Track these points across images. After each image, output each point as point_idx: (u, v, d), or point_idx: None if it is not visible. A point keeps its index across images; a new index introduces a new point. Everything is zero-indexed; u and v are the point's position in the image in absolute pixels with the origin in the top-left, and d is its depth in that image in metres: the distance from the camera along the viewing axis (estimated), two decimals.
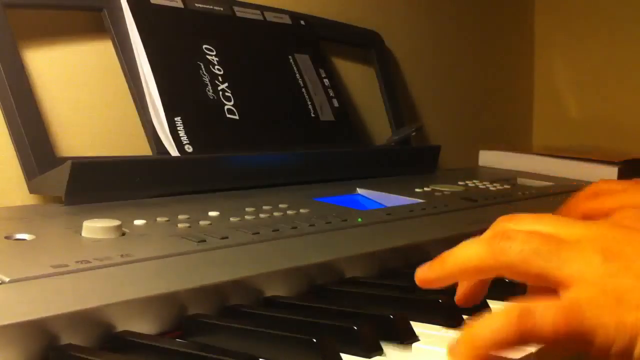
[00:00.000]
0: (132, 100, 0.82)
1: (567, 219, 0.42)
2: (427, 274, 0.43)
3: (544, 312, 0.36)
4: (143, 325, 0.43)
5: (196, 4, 0.90)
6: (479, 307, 0.49)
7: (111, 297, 0.42)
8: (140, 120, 0.81)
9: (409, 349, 0.42)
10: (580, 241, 0.39)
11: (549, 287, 0.38)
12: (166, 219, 0.63)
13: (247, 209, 0.68)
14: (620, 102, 1.52)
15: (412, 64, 1.28)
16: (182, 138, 0.80)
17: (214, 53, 0.88)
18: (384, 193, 0.85)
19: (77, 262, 0.48)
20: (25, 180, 0.72)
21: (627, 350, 0.35)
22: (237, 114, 0.87)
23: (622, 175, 1.15)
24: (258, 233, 0.60)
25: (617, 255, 0.37)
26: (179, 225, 0.61)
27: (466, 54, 1.44)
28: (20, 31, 0.76)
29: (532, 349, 0.41)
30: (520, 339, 0.36)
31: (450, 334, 0.45)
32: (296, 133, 0.94)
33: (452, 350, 0.38)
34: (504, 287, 0.53)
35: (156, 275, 0.49)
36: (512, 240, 0.39)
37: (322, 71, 1.02)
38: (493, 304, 0.50)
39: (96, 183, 0.70)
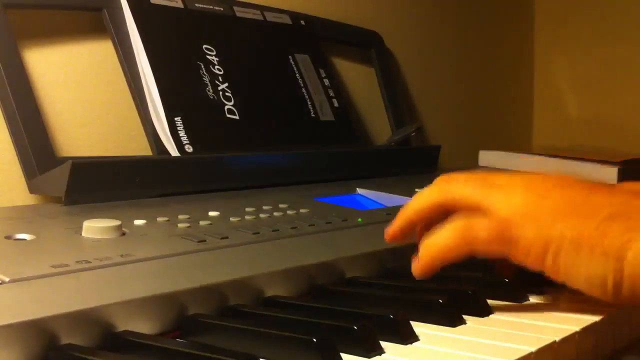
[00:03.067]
0: (132, 100, 0.82)
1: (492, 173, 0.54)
2: (390, 228, 0.54)
3: (481, 225, 0.48)
4: (143, 325, 0.43)
5: (196, 4, 0.90)
6: (478, 310, 0.49)
7: (111, 297, 0.42)
8: (140, 120, 0.81)
9: (409, 348, 0.42)
10: (507, 181, 0.51)
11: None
12: (166, 219, 0.63)
13: (247, 209, 0.68)
14: (620, 102, 1.52)
15: (412, 64, 1.28)
16: (182, 138, 0.80)
17: (214, 53, 0.88)
18: (384, 193, 0.85)
19: (77, 262, 0.48)
20: (25, 180, 0.72)
21: (539, 257, 0.47)
22: (237, 114, 0.87)
23: (622, 175, 1.15)
24: (258, 233, 0.60)
25: (534, 188, 0.49)
26: (179, 225, 0.61)
27: (466, 54, 1.44)
28: (20, 31, 0.76)
29: (532, 349, 0.41)
30: (464, 247, 0.49)
31: (450, 334, 0.45)
32: (296, 133, 0.94)
33: (414, 263, 0.51)
34: (504, 287, 0.53)
35: (156, 275, 0.49)
36: (456, 181, 0.52)
37: (322, 71, 1.02)
38: (493, 304, 0.50)
39: (96, 183, 0.70)
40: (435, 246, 0.50)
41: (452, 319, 0.47)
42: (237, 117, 0.87)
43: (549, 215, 0.47)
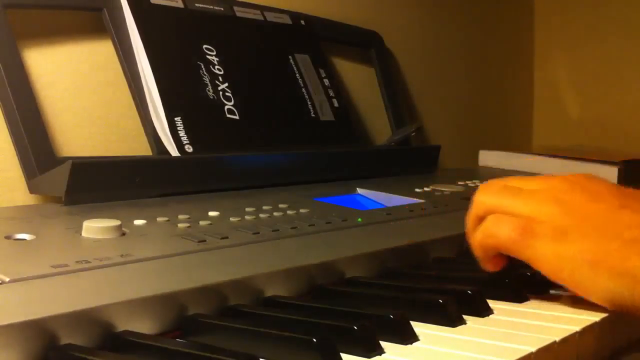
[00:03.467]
0: (132, 100, 0.82)
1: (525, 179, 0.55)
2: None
3: (506, 220, 0.51)
4: (143, 325, 0.43)
5: (196, 4, 0.90)
6: (478, 310, 0.49)
7: (111, 297, 0.42)
8: (140, 120, 0.81)
9: (409, 348, 0.42)
10: (538, 189, 0.52)
11: None
12: (166, 219, 0.63)
13: (247, 209, 0.68)
14: (621, 102, 1.52)
15: (412, 64, 1.28)
16: (182, 138, 0.80)
17: (214, 53, 0.88)
18: (384, 193, 0.85)
19: (77, 262, 0.48)
20: (25, 180, 0.72)
21: (554, 271, 0.48)
22: (237, 114, 0.87)
23: (622, 175, 1.14)
24: (258, 233, 0.60)
25: (563, 201, 0.50)
26: (179, 225, 0.61)
27: (466, 54, 1.44)
28: (20, 31, 0.76)
29: (532, 349, 0.41)
30: (489, 240, 0.52)
31: (450, 334, 0.45)
32: (296, 133, 0.94)
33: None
34: (504, 287, 0.53)
35: (156, 275, 0.49)
36: (489, 192, 0.55)
37: (322, 71, 1.02)
38: (493, 304, 0.50)
39: (96, 183, 0.70)
40: (472, 242, 0.54)
41: (452, 319, 0.47)
42: (237, 117, 0.87)
43: (570, 232, 0.48)
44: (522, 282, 0.54)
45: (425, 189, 0.89)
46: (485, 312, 0.49)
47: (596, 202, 0.49)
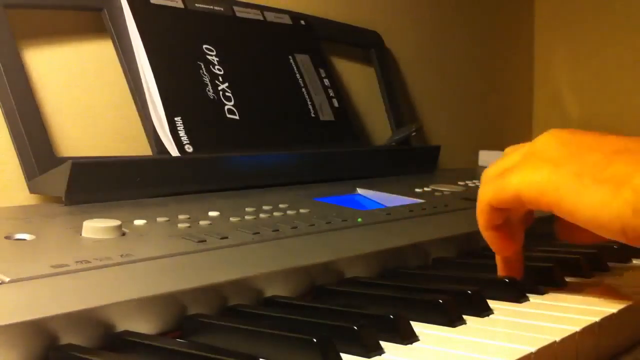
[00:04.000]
0: (132, 100, 0.82)
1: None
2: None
3: (513, 152, 0.53)
4: (143, 325, 0.43)
5: (196, 4, 0.90)
6: (478, 310, 0.49)
7: (111, 297, 0.42)
8: (141, 120, 0.81)
9: (409, 348, 0.42)
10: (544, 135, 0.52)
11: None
12: (166, 219, 0.63)
13: (247, 209, 0.68)
14: (620, 102, 1.52)
15: (412, 64, 1.28)
16: (182, 138, 0.80)
17: (214, 53, 0.88)
18: (384, 193, 0.85)
19: (77, 262, 0.48)
20: (26, 180, 0.72)
21: (549, 196, 0.48)
22: (237, 114, 0.87)
23: None
24: (258, 233, 0.60)
25: (562, 137, 0.50)
26: (179, 225, 0.61)
27: (466, 53, 1.44)
28: (20, 31, 0.76)
29: (532, 349, 0.41)
30: (500, 170, 0.52)
31: (450, 334, 0.45)
32: (296, 133, 0.94)
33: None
34: (504, 287, 0.53)
35: (156, 275, 0.49)
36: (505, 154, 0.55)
37: (322, 71, 1.02)
38: (493, 304, 0.50)
39: (96, 183, 0.70)
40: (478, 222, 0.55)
41: (452, 319, 0.47)
42: (237, 117, 0.87)
43: (561, 158, 0.48)
44: (522, 281, 0.54)
45: (425, 189, 0.89)
46: (485, 312, 0.49)
47: (593, 134, 0.51)
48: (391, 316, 0.44)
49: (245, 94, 0.89)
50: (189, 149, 0.80)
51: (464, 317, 0.47)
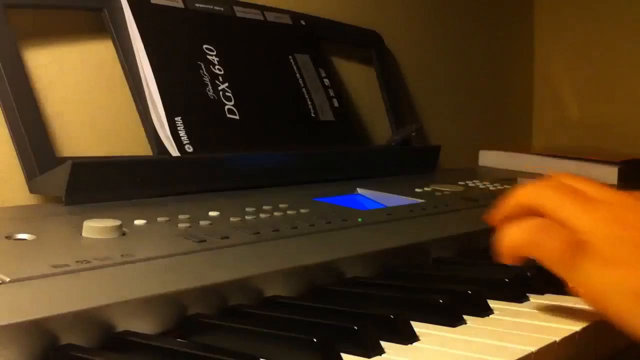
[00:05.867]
0: (132, 100, 0.82)
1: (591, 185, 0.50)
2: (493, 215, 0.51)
3: (556, 233, 0.45)
4: (143, 325, 0.43)
5: (196, 4, 0.90)
6: (478, 310, 0.49)
7: (111, 297, 0.42)
8: (141, 120, 0.81)
9: (409, 348, 0.42)
10: (601, 202, 0.47)
11: None
12: (166, 219, 0.63)
13: (247, 209, 0.68)
14: (620, 102, 1.52)
15: (412, 64, 1.28)
16: (182, 138, 0.80)
17: (214, 53, 0.88)
18: (384, 193, 0.85)
19: (77, 262, 0.48)
20: (26, 180, 0.72)
21: (596, 299, 0.44)
22: (237, 114, 0.87)
23: (622, 175, 1.15)
24: (258, 233, 0.60)
25: (623, 220, 0.45)
26: (179, 225, 0.61)
27: (466, 54, 1.44)
28: (20, 31, 0.76)
29: (532, 349, 0.41)
30: (531, 248, 0.46)
31: (451, 334, 0.45)
32: (296, 133, 0.94)
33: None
34: (504, 287, 0.53)
35: (156, 275, 0.49)
36: (551, 189, 0.48)
37: (322, 71, 1.02)
38: (493, 304, 0.50)
39: (96, 183, 0.70)
40: (509, 238, 0.48)
41: (452, 319, 0.47)
42: (237, 117, 0.87)
43: (621, 259, 0.43)
44: (522, 281, 0.54)
45: (425, 189, 0.89)
46: (485, 312, 0.49)
47: None
48: (391, 316, 0.44)
49: (245, 94, 0.89)
50: (189, 149, 0.80)
51: (464, 317, 0.47)
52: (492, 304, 0.50)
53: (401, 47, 1.24)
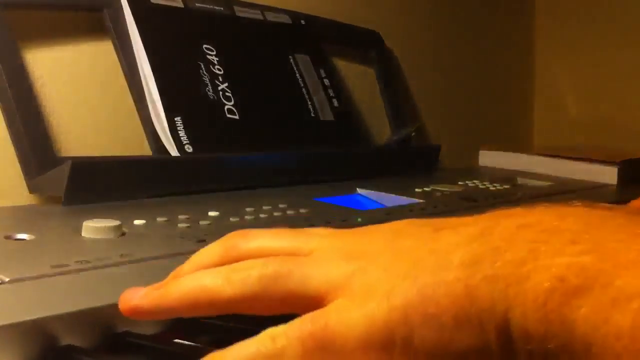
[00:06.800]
0: (132, 100, 0.82)
1: (300, 231, 0.38)
2: (140, 301, 0.36)
3: (290, 336, 0.32)
4: (143, 326, 0.43)
5: (196, 4, 0.90)
6: None
7: (111, 297, 0.42)
8: (140, 120, 0.81)
9: None
10: (319, 251, 0.35)
11: None
12: (166, 219, 0.63)
13: (247, 209, 0.68)
14: (620, 102, 1.52)
15: (412, 64, 1.28)
16: (182, 138, 0.80)
17: (214, 53, 0.88)
18: (384, 193, 0.85)
19: (77, 262, 0.48)
20: (25, 180, 0.72)
21: (384, 342, 0.30)
22: (237, 114, 0.87)
23: (622, 175, 1.15)
24: None
25: (359, 255, 0.33)
26: (179, 225, 0.61)
27: (466, 54, 1.44)
28: (20, 31, 0.76)
29: None
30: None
31: None
32: (296, 133, 0.94)
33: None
34: None
35: (156, 275, 0.49)
36: (250, 269, 0.34)
37: (322, 71, 1.02)
38: None
39: (96, 183, 0.70)
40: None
41: None
42: (237, 117, 0.87)
43: (379, 283, 0.31)
44: None
45: (425, 189, 0.89)
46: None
47: (402, 238, 0.34)
48: None
49: (245, 93, 0.89)
50: (188, 149, 0.80)
51: None
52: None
53: (401, 47, 1.24)
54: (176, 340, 0.43)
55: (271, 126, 0.91)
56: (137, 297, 0.36)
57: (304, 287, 0.33)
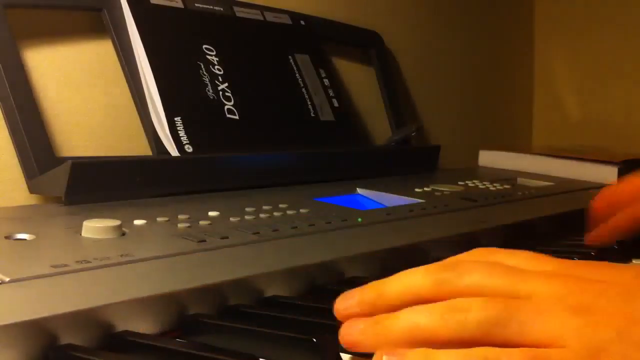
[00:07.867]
0: (132, 100, 0.82)
1: (516, 269, 0.36)
2: (360, 337, 0.37)
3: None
4: (143, 325, 0.43)
5: (196, 4, 0.90)
6: None
7: (111, 297, 0.42)
8: (140, 120, 0.81)
9: None
10: (539, 297, 0.34)
11: None
12: (166, 219, 0.63)
13: (247, 209, 0.68)
14: (620, 102, 1.52)
15: (412, 64, 1.28)
16: (182, 138, 0.80)
17: (214, 53, 0.88)
18: (384, 193, 0.85)
19: (77, 262, 0.48)
20: (26, 180, 0.72)
21: None
22: (237, 114, 0.87)
23: (622, 175, 1.15)
24: (258, 233, 0.60)
25: (586, 310, 0.32)
26: (179, 225, 0.61)
27: (466, 54, 1.44)
28: (20, 31, 0.76)
29: None
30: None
31: None
32: (296, 133, 0.94)
33: None
34: None
35: (156, 275, 0.49)
36: (467, 311, 0.33)
37: (322, 71, 1.02)
38: None
39: (96, 183, 0.70)
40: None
41: None
42: (237, 117, 0.87)
43: (608, 348, 0.31)
44: None
45: (425, 189, 0.89)
46: None
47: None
48: None
49: (245, 94, 0.89)
50: (188, 149, 0.80)
51: None
52: None
53: (401, 47, 1.24)
54: (176, 340, 0.43)
55: (271, 126, 0.91)
56: (356, 333, 0.37)
57: (522, 337, 0.33)
